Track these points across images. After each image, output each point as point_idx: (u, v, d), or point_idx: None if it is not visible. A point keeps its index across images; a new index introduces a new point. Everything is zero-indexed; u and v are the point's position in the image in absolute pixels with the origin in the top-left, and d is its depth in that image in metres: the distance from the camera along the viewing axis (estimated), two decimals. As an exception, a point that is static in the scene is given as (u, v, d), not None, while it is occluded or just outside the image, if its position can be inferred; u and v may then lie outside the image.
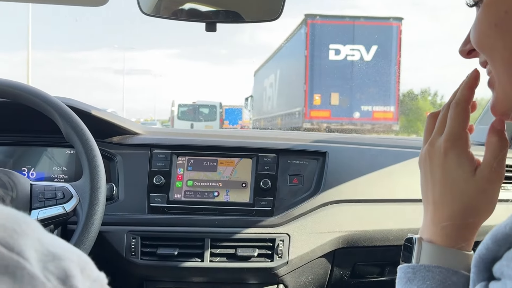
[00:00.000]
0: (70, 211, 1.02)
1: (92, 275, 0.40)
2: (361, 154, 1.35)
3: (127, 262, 1.19)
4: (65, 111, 1.03)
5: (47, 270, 0.36)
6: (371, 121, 12.26)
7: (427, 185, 0.68)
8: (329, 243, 1.25)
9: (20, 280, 0.34)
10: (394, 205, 1.31)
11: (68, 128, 1.03)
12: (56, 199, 1.02)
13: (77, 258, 0.39)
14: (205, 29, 1.18)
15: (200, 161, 1.30)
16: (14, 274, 0.34)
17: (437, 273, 0.60)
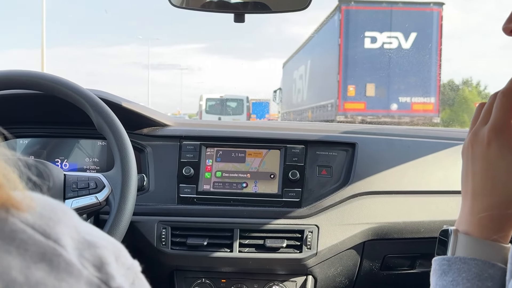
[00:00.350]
0: (102, 201, 1.10)
1: (127, 263, 0.43)
2: (392, 145, 1.40)
3: (158, 252, 1.28)
4: (97, 103, 1.11)
5: (83, 257, 0.39)
6: (409, 113, 12.00)
7: (467, 175, 0.69)
8: (358, 234, 1.31)
9: (56, 267, 0.37)
10: (427, 197, 1.35)
11: (100, 119, 1.10)
12: (89, 189, 1.11)
13: (112, 246, 0.43)
14: (234, 20, 1.25)
15: (229, 152, 1.37)
16: (51, 261, 0.37)
17: (473, 265, 0.61)
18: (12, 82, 1.11)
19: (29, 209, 0.39)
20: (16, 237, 0.37)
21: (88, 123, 1.14)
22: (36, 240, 0.37)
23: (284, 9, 1.31)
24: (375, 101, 12.01)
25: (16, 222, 0.38)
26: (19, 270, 0.36)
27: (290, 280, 1.33)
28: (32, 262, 0.36)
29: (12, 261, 0.36)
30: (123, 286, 0.41)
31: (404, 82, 12.19)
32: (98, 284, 0.39)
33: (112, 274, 0.40)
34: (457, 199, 1.26)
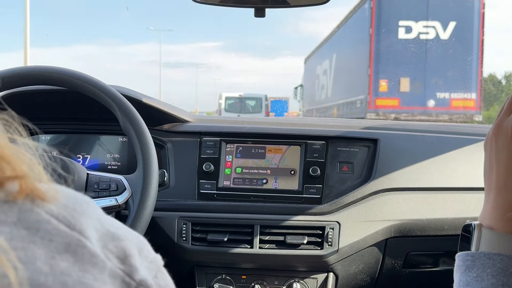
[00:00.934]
0: (122, 203, 1.22)
1: (149, 256, 0.47)
2: (415, 141, 1.50)
3: (179, 247, 1.41)
4: (123, 102, 1.22)
5: (107, 249, 0.43)
6: (448, 111, 11.82)
7: (490, 168, 0.70)
8: (380, 232, 1.41)
9: (81, 258, 0.40)
10: (450, 193, 1.44)
11: (126, 121, 1.21)
12: (110, 191, 1.23)
13: (135, 239, 0.46)
14: (254, 15, 1.37)
15: (249, 149, 1.49)
16: (75, 252, 0.40)
17: (498, 260, 0.64)
18: (40, 78, 1.22)
19: (53, 200, 0.42)
20: (40, 228, 0.40)
21: (109, 119, 1.27)
22: (60, 231, 0.40)
23: (306, 3, 1.42)
24: (410, 97, 11.82)
25: (41, 212, 0.41)
26: (44, 260, 0.38)
27: (311, 277, 1.44)
28: (57, 253, 0.39)
29: (37, 251, 0.38)
30: (147, 279, 0.44)
31: (442, 76, 11.98)
32: (121, 276, 0.42)
33: (136, 266, 0.44)
34: (481, 195, 1.36)
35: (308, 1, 1.40)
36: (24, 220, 0.40)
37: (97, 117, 1.46)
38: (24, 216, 0.40)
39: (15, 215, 0.39)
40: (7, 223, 0.39)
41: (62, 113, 1.50)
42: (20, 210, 0.40)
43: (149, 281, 0.45)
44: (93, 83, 1.23)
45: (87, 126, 1.53)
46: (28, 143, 0.44)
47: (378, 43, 11.82)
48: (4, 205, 0.40)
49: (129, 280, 0.43)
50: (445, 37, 11.54)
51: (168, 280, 0.48)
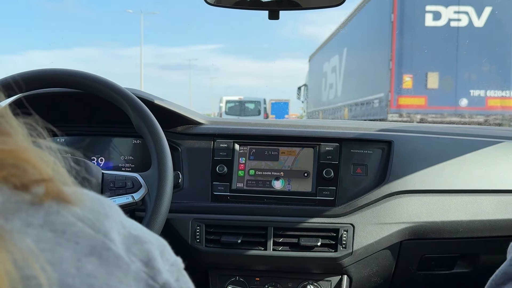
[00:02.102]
0: (138, 201, 1.43)
1: (170, 259, 0.54)
2: (429, 143, 1.76)
3: (192, 249, 1.66)
4: (137, 103, 1.44)
5: (131, 252, 0.49)
6: (483, 111, 11.68)
7: None
8: (395, 234, 1.65)
9: (106, 261, 0.46)
10: (465, 196, 1.69)
11: (139, 120, 1.43)
12: (126, 188, 1.44)
13: (157, 242, 0.53)
14: (268, 17, 1.63)
15: (262, 151, 1.75)
16: (101, 255, 0.46)
17: None
18: (56, 81, 1.44)
19: (79, 203, 0.48)
20: (67, 230, 0.45)
21: (124, 121, 1.51)
22: (86, 234, 0.46)
23: (320, 5, 1.67)
24: (438, 95, 11.70)
25: (67, 215, 0.46)
26: (71, 262, 0.44)
27: (325, 280, 1.70)
28: (83, 255, 0.45)
29: (64, 253, 0.44)
30: (170, 282, 0.51)
31: (477, 71, 11.83)
32: (145, 279, 0.49)
33: (159, 269, 0.50)
34: (497, 198, 1.65)
35: (321, 3, 1.66)
36: (50, 222, 0.45)
37: (111, 120, 1.72)
38: (50, 218, 0.45)
39: (42, 217, 0.45)
40: (34, 225, 0.44)
41: (76, 116, 1.77)
42: (47, 213, 0.46)
43: (172, 284, 0.51)
44: (105, 83, 1.44)
45: (101, 128, 1.79)
46: (51, 146, 0.51)
47: (402, 32, 11.69)
48: (30, 208, 0.45)
49: (153, 283, 0.49)
50: (480, 25, 11.40)
51: (189, 283, 0.56)
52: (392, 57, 11.70)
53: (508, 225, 1.67)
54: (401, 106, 11.88)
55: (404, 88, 11.78)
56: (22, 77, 1.40)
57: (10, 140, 0.47)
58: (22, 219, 0.44)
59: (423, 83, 11.77)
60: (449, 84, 11.73)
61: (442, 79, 11.75)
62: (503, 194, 1.70)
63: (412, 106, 11.93)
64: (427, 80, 11.75)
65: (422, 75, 11.75)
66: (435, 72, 11.76)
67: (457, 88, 11.74)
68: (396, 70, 11.73)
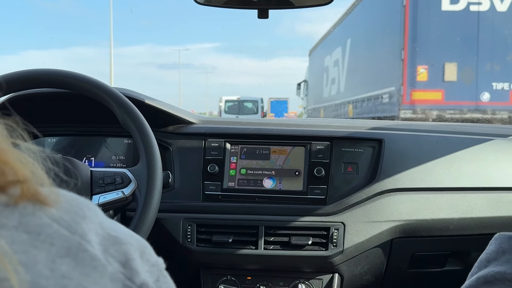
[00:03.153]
0: (129, 195, 1.43)
1: (151, 259, 0.54)
2: (419, 141, 1.76)
3: (184, 249, 1.67)
4: (122, 99, 1.45)
5: (108, 253, 0.49)
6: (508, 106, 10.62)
7: None
8: (385, 232, 1.66)
9: (81, 262, 0.46)
10: (456, 193, 1.70)
11: (125, 115, 1.43)
12: (116, 184, 1.45)
13: (137, 242, 0.53)
14: (258, 16, 1.64)
15: (253, 150, 1.76)
16: (76, 256, 0.46)
17: None
18: (40, 81, 1.44)
19: (55, 204, 0.48)
20: (42, 232, 0.45)
21: (115, 121, 1.52)
22: (61, 235, 0.46)
23: (309, 4, 1.69)
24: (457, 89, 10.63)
25: (43, 216, 0.46)
26: (45, 263, 0.44)
27: (316, 278, 1.71)
28: (58, 257, 0.45)
29: (38, 255, 0.44)
30: (148, 282, 0.51)
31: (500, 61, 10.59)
32: (122, 280, 0.49)
33: (137, 270, 0.50)
34: (487, 195, 1.65)
35: (311, 2, 1.67)
36: (25, 224, 0.45)
37: (102, 120, 1.72)
38: (25, 220, 0.45)
39: (16, 219, 0.45)
40: (8, 227, 0.44)
41: (66, 116, 1.77)
42: (22, 214, 0.46)
43: (150, 285, 0.51)
44: (90, 82, 1.45)
45: (93, 129, 1.80)
46: (30, 147, 0.50)
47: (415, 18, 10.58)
48: (5, 209, 0.45)
49: (130, 284, 0.49)
50: (503, 9, 10.34)
51: (170, 283, 0.56)
52: (405, 46, 10.58)
53: (499, 223, 1.67)
54: (415, 101, 10.75)
55: (418, 81, 10.64)
56: (6, 79, 1.40)
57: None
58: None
59: (439, 75, 10.59)
60: (469, 76, 10.54)
61: (461, 71, 10.58)
62: (494, 191, 1.70)
63: (427, 101, 10.83)
64: (444, 72, 10.59)
65: (438, 66, 10.59)
66: (453, 62, 10.60)
67: (478, 81, 10.55)
68: (409, 61, 10.55)
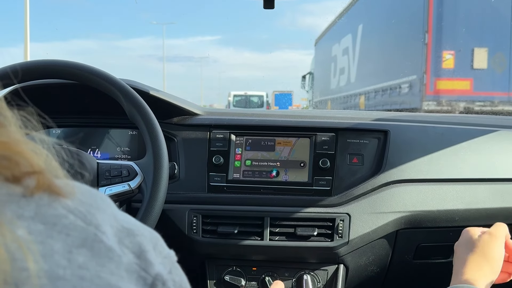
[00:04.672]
0: (135, 188, 1.44)
1: (163, 252, 0.55)
2: (425, 132, 1.76)
3: (189, 240, 1.67)
4: (129, 91, 1.45)
5: (123, 244, 0.49)
6: None
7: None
8: (391, 223, 1.66)
9: (97, 253, 0.46)
10: (461, 184, 1.70)
11: (132, 108, 1.44)
12: (122, 177, 1.46)
13: (149, 234, 0.54)
14: (263, 7, 1.64)
15: (258, 141, 1.75)
16: (92, 247, 0.46)
17: None
18: (46, 72, 1.44)
19: (70, 195, 0.49)
20: (58, 222, 0.46)
21: (120, 113, 1.52)
22: (77, 226, 0.47)
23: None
24: (487, 78, 9.63)
25: (58, 207, 0.47)
26: (62, 254, 0.44)
27: (321, 269, 1.71)
28: (74, 247, 0.45)
29: (55, 245, 0.44)
30: (162, 273, 0.52)
31: None
32: (137, 271, 0.49)
33: (151, 261, 0.51)
34: (492, 187, 1.65)
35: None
36: (41, 214, 0.46)
37: (106, 111, 1.72)
38: (41, 210, 0.46)
39: (33, 209, 0.46)
40: (25, 217, 0.45)
41: (72, 107, 1.77)
42: (38, 205, 0.46)
43: (165, 276, 0.52)
44: (97, 73, 1.44)
45: (97, 120, 1.80)
46: (44, 139, 0.51)
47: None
48: (21, 200, 0.46)
49: (145, 275, 0.50)
50: None
51: (182, 276, 0.56)
52: (429, 28, 9.46)
53: (504, 214, 1.67)
54: (439, 91, 9.67)
55: (443, 69, 9.51)
56: (12, 69, 1.39)
57: (3, 131, 0.47)
58: (13, 211, 0.45)
59: (468, 62, 9.53)
60: (501, 63, 9.49)
61: (492, 57, 9.54)
62: (499, 182, 1.70)
63: (453, 92, 9.67)
64: (473, 58, 9.51)
65: (466, 51, 9.52)
66: (484, 48, 9.54)
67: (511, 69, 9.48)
68: (433, 45, 9.51)
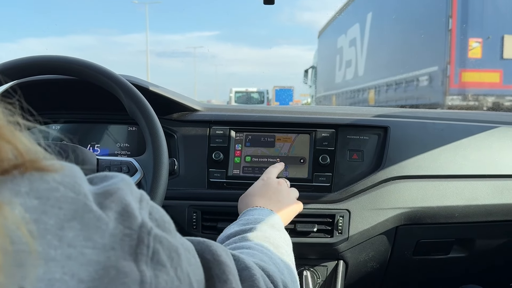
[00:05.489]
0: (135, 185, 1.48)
1: (137, 194, 0.56)
2: (425, 129, 1.76)
3: (189, 236, 1.67)
4: (129, 87, 1.44)
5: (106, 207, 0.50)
6: None
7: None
8: (390, 219, 1.66)
9: (87, 224, 0.48)
10: (461, 181, 1.70)
11: (132, 104, 1.43)
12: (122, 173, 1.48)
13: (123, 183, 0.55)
14: (264, 2, 1.63)
15: (258, 137, 1.75)
16: (82, 217, 0.48)
17: None
18: (45, 68, 1.43)
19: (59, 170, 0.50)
20: (50, 196, 0.47)
21: (119, 109, 1.51)
22: (68, 198, 0.48)
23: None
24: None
25: (50, 180, 0.48)
26: (54, 232, 0.45)
27: (321, 265, 1.71)
28: (66, 221, 0.46)
29: (48, 221, 0.45)
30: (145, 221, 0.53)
31: None
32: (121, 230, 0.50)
33: (134, 214, 0.52)
34: (492, 183, 1.65)
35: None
36: (35, 189, 0.46)
37: (106, 107, 1.72)
38: (34, 185, 0.46)
39: (27, 185, 0.46)
40: (21, 193, 0.45)
41: (71, 103, 1.77)
42: (30, 180, 0.47)
43: (148, 224, 0.53)
44: (96, 69, 1.43)
45: (97, 116, 1.80)
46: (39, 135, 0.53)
47: None
48: (15, 178, 0.46)
49: (130, 232, 0.51)
50: None
51: (160, 210, 0.58)
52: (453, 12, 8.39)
53: (504, 210, 1.68)
54: (465, 84, 8.61)
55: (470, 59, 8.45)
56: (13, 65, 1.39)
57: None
58: (10, 189, 0.45)
59: (497, 51, 8.51)
60: None
61: None
62: (499, 179, 1.70)
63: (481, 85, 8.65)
64: (503, 47, 8.50)
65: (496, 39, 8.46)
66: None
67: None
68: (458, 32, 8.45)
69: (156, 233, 0.53)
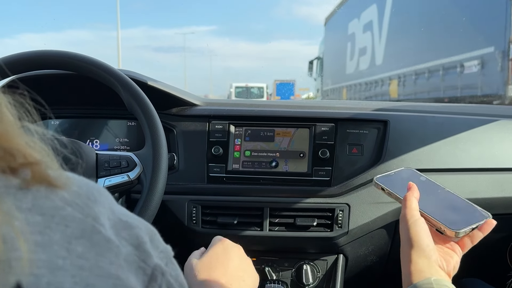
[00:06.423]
0: (134, 179, 1.44)
1: (160, 246, 0.55)
2: (425, 122, 1.75)
3: (189, 230, 1.67)
4: (127, 82, 1.44)
5: (121, 236, 0.50)
6: None
7: None
8: (390, 213, 1.66)
9: (96, 243, 0.47)
10: (461, 174, 1.69)
11: (131, 99, 1.42)
12: (121, 168, 1.45)
13: (146, 228, 0.54)
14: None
15: (257, 132, 1.75)
16: (91, 238, 0.47)
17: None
18: (44, 62, 1.42)
19: (65, 187, 0.49)
20: (55, 214, 0.46)
21: (119, 104, 1.51)
22: (75, 218, 0.47)
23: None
24: None
25: (55, 199, 0.47)
26: (61, 244, 0.45)
27: (321, 259, 1.71)
28: (73, 238, 0.46)
29: (54, 235, 0.45)
30: (161, 265, 0.53)
31: None
32: (137, 261, 0.50)
33: (149, 252, 0.52)
34: (493, 176, 1.64)
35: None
36: (38, 206, 0.46)
37: (105, 102, 1.72)
38: (38, 203, 0.46)
39: (30, 201, 0.46)
40: (22, 209, 0.45)
41: (70, 98, 1.76)
42: (34, 197, 0.46)
43: (163, 268, 0.53)
44: (95, 64, 1.43)
45: (96, 111, 1.80)
46: (38, 130, 0.51)
47: None
48: (18, 192, 0.46)
49: (144, 266, 0.51)
50: None
51: (178, 270, 0.57)
52: None
53: (504, 203, 1.67)
54: None
55: None
56: (12, 60, 1.38)
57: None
58: (11, 203, 0.44)
59: None
60: None
61: None
62: (499, 172, 1.70)
63: None
64: None
65: None
66: None
67: None
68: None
69: (169, 279, 0.53)
